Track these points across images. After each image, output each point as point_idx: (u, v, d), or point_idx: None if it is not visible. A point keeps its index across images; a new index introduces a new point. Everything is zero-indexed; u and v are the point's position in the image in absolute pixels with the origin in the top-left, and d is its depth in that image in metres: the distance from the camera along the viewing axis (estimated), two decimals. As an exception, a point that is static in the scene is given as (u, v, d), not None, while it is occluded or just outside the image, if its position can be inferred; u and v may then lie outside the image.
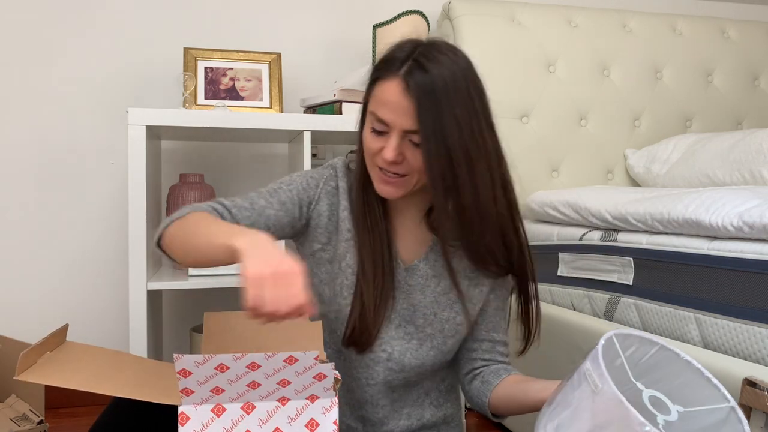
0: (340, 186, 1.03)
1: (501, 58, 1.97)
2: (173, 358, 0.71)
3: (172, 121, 1.58)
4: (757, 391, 0.90)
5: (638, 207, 1.35)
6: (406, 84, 0.88)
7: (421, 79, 0.88)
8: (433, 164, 0.89)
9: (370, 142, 0.94)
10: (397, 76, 0.90)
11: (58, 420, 1.84)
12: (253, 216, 0.96)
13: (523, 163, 1.97)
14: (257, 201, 0.98)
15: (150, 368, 0.84)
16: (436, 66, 0.88)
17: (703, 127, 2.18)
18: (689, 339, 1.18)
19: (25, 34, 1.94)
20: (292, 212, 1.00)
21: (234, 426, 0.75)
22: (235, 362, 0.71)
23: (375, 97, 0.93)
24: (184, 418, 0.75)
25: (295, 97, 2.10)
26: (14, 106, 1.93)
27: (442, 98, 0.88)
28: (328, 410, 0.77)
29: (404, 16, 1.88)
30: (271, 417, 0.76)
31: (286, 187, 1.01)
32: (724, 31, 2.25)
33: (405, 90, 0.88)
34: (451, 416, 1.13)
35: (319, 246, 1.03)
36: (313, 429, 0.77)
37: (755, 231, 1.08)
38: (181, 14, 2.05)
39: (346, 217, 1.02)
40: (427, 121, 0.87)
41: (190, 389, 0.73)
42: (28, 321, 1.95)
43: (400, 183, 0.94)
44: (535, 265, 1.03)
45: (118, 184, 2.01)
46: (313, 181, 1.03)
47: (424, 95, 0.87)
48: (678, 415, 0.78)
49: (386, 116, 0.90)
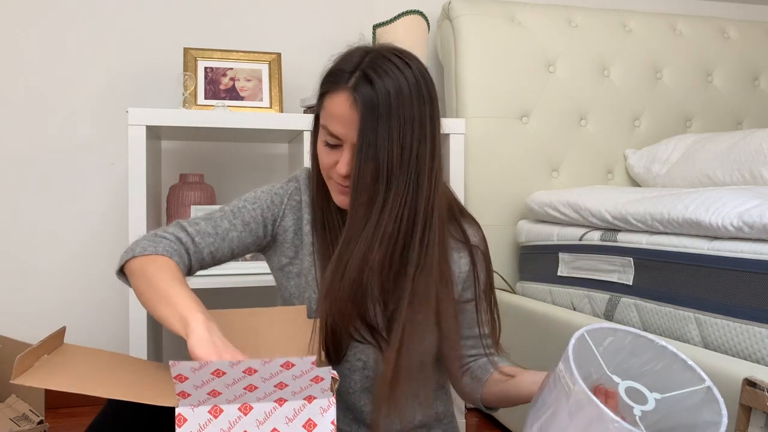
0: (303, 200, 1.03)
1: (501, 58, 1.97)
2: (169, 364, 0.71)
3: (172, 121, 1.58)
4: (757, 391, 0.90)
5: (638, 207, 1.35)
6: (353, 98, 0.88)
7: (365, 91, 0.87)
8: (359, 177, 0.88)
9: (324, 157, 0.94)
10: (345, 89, 0.89)
11: (58, 420, 1.84)
12: (217, 241, 0.97)
13: (523, 163, 1.97)
14: (221, 224, 0.98)
15: (148, 370, 0.84)
16: (382, 78, 0.87)
17: (703, 127, 2.18)
18: (689, 339, 1.18)
19: (25, 34, 1.94)
20: (256, 232, 1.01)
21: (231, 427, 0.75)
22: (231, 368, 0.71)
23: (325, 111, 0.92)
24: (181, 419, 0.74)
25: (295, 97, 2.10)
26: (14, 106, 1.93)
27: (383, 112, 0.87)
28: (326, 410, 0.77)
29: (404, 16, 1.88)
30: (269, 418, 0.76)
31: (251, 206, 1.01)
32: (724, 31, 2.25)
33: (353, 103, 0.88)
34: (443, 413, 1.12)
35: (287, 260, 1.04)
36: (311, 429, 0.77)
37: (755, 231, 1.08)
38: (181, 14, 2.05)
39: (308, 230, 1.02)
40: (364, 134, 0.87)
41: (186, 392, 0.73)
42: (28, 321, 1.95)
43: None
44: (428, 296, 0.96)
45: (118, 184, 2.01)
46: (277, 197, 1.03)
47: (366, 109, 0.87)
48: (655, 402, 0.79)
49: (338, 130, 0.90)
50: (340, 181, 0.92)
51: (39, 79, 1.95)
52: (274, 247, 1.05)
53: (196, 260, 0.96)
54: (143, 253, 0.91)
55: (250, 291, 2.08)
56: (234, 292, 2.04)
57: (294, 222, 1.03)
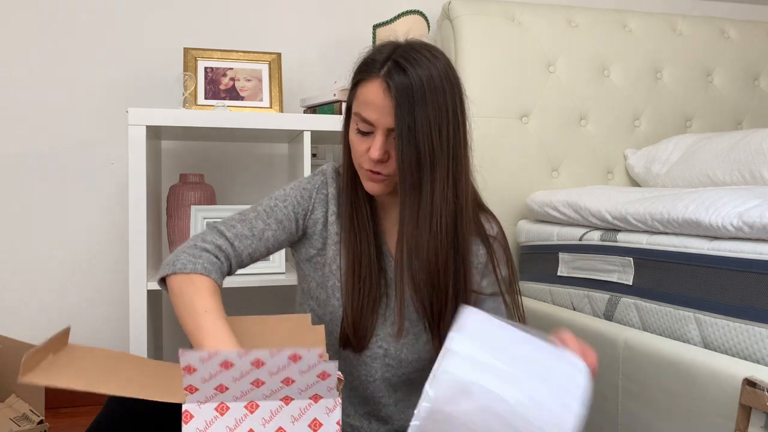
0: (329, 192, 1.07)
1: (501, 58, 1.97)
2: (178, 352, 0.71)
3: (172, 121, 1.58)
4: (757, 391, 0.90)
5: (638, 207, 1.35)
6: (387, 84, 0.91)
7: (399, 78, 0.91)
8: (403, 160, 0.92)
9: (356, 144, 0.97)
10: (378, 77, 0.93)
11: (58, 420, 1.84)
12: (254, 243, 1.01)
13: (523, 163, 1.97)
14: (256, 225, 1.02)
15: (152, 368, 0.84)
16: (414, 66, 0.91)
17: (703, 127, 2.18)
18: (689, 339, 1.18)
19: (25, 33, 1.94)
20: (290, 228, 1.05)
21: (238, 425, 0.75)
22: (240, 359, 0.71)
23: (358, 99, 0.96)
24: (188, 416, 0.75)
25: (295, 97, 2.10)
26: (14, 106, 1.93)
27: (418, 98, 0.90)
28: (332, 410, 0.77)
29: (404, 16, 1.88)
30: (275, 416, 0.76)
31: (282, 204, 1.05)
32: (724, 31, 2.25)
33: (386, 90, 0.91)
34: None
35: (315, 251, 1.07)
36: (317, 429, 0.77)
37: (755, 231, 1.08)
38: (181, 14, 2.05)
39: (334, 221, 1.05)
40: (402, 119, 0.90)
41: (194, 386, 0.73)
42: (28, 321, 1.95)
43: (386, 181, 0.98)
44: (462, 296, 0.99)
45: (118, 184, 2.01)
46: (306, 192, 1.07)
47: (402, 95, 0.90)
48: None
49: (370, 116, 0.93)
50: (371, 167, 0.96)
51: (39, 79, 1.95)
52: (304, 239, 1.08)
53: (235, 263, 1.01)
54: (183, 270, 0.94)
55: (252, 291, 2.08)
56: (235, 293, 2.04)
57: (323, 214, 1.06)
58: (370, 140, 0.95)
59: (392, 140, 0.94)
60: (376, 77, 0.93)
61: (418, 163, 0.92)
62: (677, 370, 1.12)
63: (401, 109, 0.90)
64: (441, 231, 0.94)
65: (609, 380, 1.31)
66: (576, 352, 0.79)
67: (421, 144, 0.91)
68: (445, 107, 0.92)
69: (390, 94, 0.91)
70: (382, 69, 0.93)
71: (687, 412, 1.10)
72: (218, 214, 1.74)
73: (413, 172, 0.92)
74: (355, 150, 0.98)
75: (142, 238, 1.53)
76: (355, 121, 0.97)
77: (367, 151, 0.95)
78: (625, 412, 1.27)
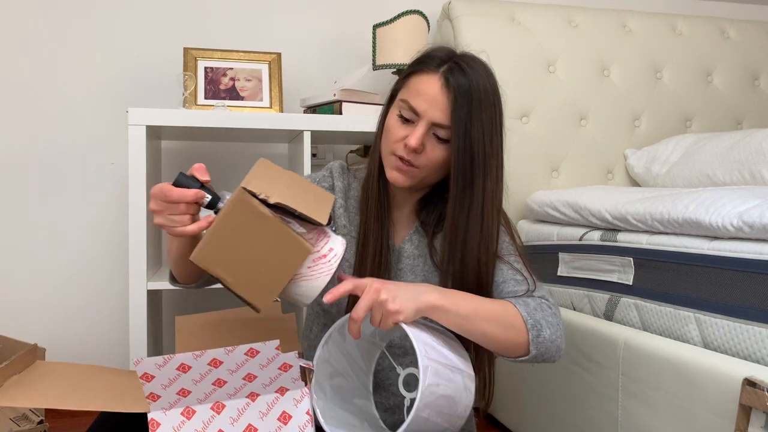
0: (336, 185, 1.09)
1: (501, 58, 1.97)
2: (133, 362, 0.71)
3: (172, 121, 1.58)
4: (757, 391, 0.90)
5: (638, 207, 1.35)
6: (446, 80, 0.95)
7: (460, 79, 0.95)
8: (458, 160, 0.95)
9: (394, 130, 0.99)
10: (436, 72, 0.97)
11: (58, 420, 1.84)
12: None
13: (523, 163, 1.97)
14: None
15: (121, 378, 0.84)
16: (472, 72, 0.96)
17: (703, 127, 2.18)
18: (689, 339, 1.18)
19: (24, 33, 1.94)
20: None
21: (206, 427, 0.75)
22: (196, 360, 0.71)
23: (409, 88, 0.99)
24: (155, 424, 0.74)
25: (295, 97, 2.10)
26: (14, 106, 1.93)
27: (476, 103, 0.95)
28: (299, 401, 0.77)
29: (404, 16, 1.88)
30: (242, 414, 0.76)
31: None
32: (724, 31, 2.25)
33: (444, 86, 0.95)
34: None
35: None
36: (286, 421, 0.76)
37: (755, 231, 1.08)
38: (181, 14, 2.05)
39: (341, 213, 1.07)
40: (459, 119, 0.94)
41: (156, 394, 0.73)
42: (28, 321, 1.95)
43: (412, 173, 1.00)
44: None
45: (118, 184, 2.01)
46: None
47: (460, 94, 0.94)
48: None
49: (419, 105, 0.96)
50: (405, 155, 0.98)
51: (39, 79, 1.95)
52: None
53: None
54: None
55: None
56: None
57: None
58: (410, 129, 0.98)
59: (431, 135, 0.97)
60: (435, 72, 0.96)
61: (471, 164, 0.96)
62: (677, 370, 1.12)
63: (460, 109, 0.94)
64: (489, 230, 0.98)
65: (609, 380, 1.31)
66: (350, 286, 0.86)
67: (475, 146, 0.95)
68: (495, 119, 0.97)
69: (447, 91, 0.95)
70: (442, 66, 0.97)
71: (687, 412, 1.10)
72: (218, 214, 1.73)
73: (466, 172, 0.96)
74: (391, 135, 1.00)
75: (142, 238, 1.53)
76: (399, 107, 0.99)
77: (404, 138, 0.98)
78: (625, 412, 1.27)
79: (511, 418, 1.75)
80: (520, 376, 1.67)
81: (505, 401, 1.77)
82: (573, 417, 1.44)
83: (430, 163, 0.99)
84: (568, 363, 1.45)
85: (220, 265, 0.73)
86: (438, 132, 0.97)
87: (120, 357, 2.00)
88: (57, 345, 1.95)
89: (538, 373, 1.59)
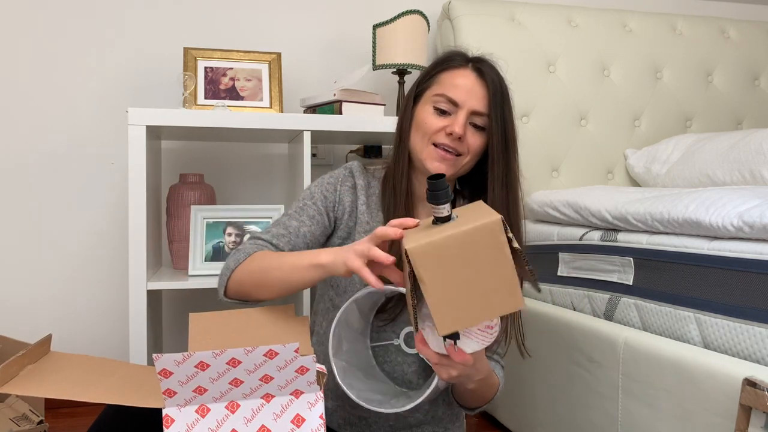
0: (357, 183, 1.12)
1: (501, 58, 1.96)
2: (153, 357, 0.71)
3: (172, 121, 1.58)
4: (757, 391, 0.90)
5: (638, 207, 1.35)
6: (480, 72, 1.05)
7: (490, 71, 1.05)
8: (497, 143, 1.03)
9: (432, 122, 1.04)
10: (466, 67, 1.06)
11: (58, 420, 1.84)
12: (292, 239, 1.06)
13: (523, 163, 1.96)
14: (290, 224, 1.07)
15: (135, 372, 0.84)
16: (494, 71, 1.07)
17: (703, 127, 2.18)
18: (689, 339, 1.18)
19: (25, 33, 1.94)
20: (322, 222, 1.10)
21: (219, 426, 0.75)
22: (215, 359, 0.71)
23: (442, 83, 1.06)
24: (169, 420, 0.74)
25: (295, 97, 2.10)
26: (14, 106, 1.93)
27: (505, 96, 1.05)
28: (313, 405, 0.77)
29: (404, 16, 1.88)
30: (256, 415, 0.76)
31: (310, 202, 1.09)
32: (724, 31, 2.25)
33: (479, 77, 1.04)
34: (456, 415, 1.17)
35: (340, 241, 1.11)
36: (299, 424, 0.77)
37: (755, 231, 1.08)
38: (181, 14, 2.05)
39: (364, 210, 1.11)
40: (496, 105, 1.03)
41: (172, 390, 0.73)
42: (28, 321, 1.95)
43: (454, 161, 1.05)
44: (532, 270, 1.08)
45: (118, 184, 2.01)
46: (330, 186, 1.12)
47: (494, 86, 1.04)
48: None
49: (459, 96, 1.03)
50: (447, 142, 1.04)
51: (39, 79, 1.95)
52: (334, 230, 1.13)
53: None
54: (238, 263, 0.99)
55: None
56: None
57: (350, 204, 1.11)
58: (449, 120, 1.04)
59: (468, 124, 1.04)
60: (465, 67, 1.06)
61: (506, 147, 1.05)
62: (677, 370, 1.12)
63: (495, 97, 1.03)
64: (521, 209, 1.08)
65: (609, 380, 1.31)
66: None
67: (509, 131, 1.05)
68: (512, 114, 1.07)
69: (483, 81, 1.04)
70: (470, 62, 1.06)
71: (687, 412, 1.10)
72: (218, 214, 1.73)
73: (503, 154, 1.04)
74: (428, 127, 1.04)
75: (142, 237, 1.53)
76: (433, 102, 1.05)
77: (443, 128, 1.03)
78: (625, 412, 1.27)
79: (511, 418, 1.75)
80: (520, 376, 1.67)
81: (505, 401, 1.77)
82: (573, 417, 1.44)
83: (470, 150, 1.05)
84: (568, 363, 1.45)
85: (429, 269, 0.70)
86: (475, 120, 1.04)
87: (120, 357, 2.00)
88: (57, 345, 1.96)
89: (538, 374, 1.59)
